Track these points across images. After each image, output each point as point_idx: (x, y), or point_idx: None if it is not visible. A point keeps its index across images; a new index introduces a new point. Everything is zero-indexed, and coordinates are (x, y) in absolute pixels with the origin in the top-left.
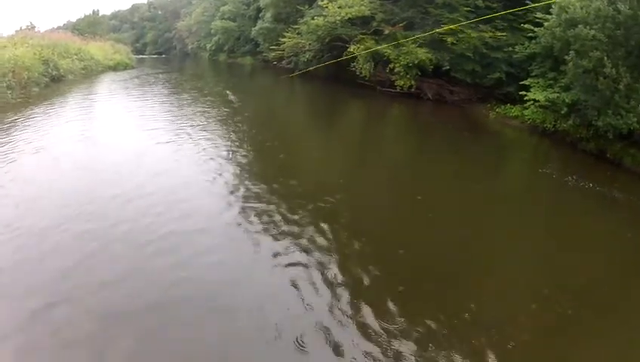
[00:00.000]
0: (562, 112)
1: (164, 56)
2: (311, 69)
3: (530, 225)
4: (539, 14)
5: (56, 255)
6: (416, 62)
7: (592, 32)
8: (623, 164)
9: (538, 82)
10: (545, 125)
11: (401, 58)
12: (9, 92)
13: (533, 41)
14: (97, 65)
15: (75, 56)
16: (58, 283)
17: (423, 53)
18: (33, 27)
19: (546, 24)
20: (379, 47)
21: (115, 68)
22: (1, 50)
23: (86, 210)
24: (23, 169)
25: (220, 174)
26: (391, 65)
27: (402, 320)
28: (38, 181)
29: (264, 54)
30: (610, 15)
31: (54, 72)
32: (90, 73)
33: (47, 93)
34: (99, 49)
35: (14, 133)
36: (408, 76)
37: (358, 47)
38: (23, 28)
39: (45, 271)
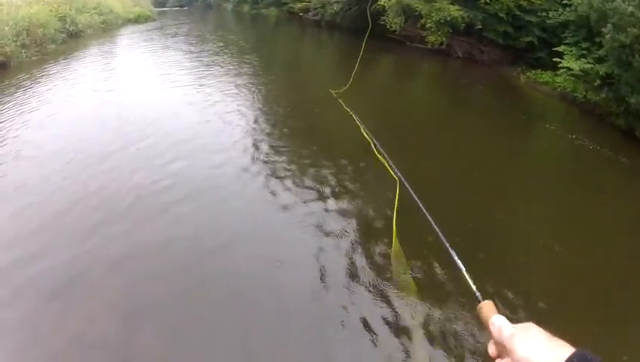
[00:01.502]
0: (595, 84)
1: (185, 8)
2: None
3: (551, 188)
4: None
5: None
6: (448, 19)
7: (630, 8)
8: None
9: (571, 50)
10: (575, 94)
11: (433, 14)
12: (23, 51)
13: (568, 9)
14: (117, 18)
15: (94, 11)
16: (73, 238)
17: (455, 11)
18: None
19: None
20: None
21: (136, 20)
22: (16, 9)
23: (105, 168)
24: (35, 126)
25: (246, 131)
26: (422, 21)
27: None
28: (52, 136)
29: (289, 5)
30: None
31: (72, 28)
32: (110, 27)
33: (64, 49)
34: (118, 2)
35: (23, 94)
36: (439, 33)
37: (389, 1)
38: None
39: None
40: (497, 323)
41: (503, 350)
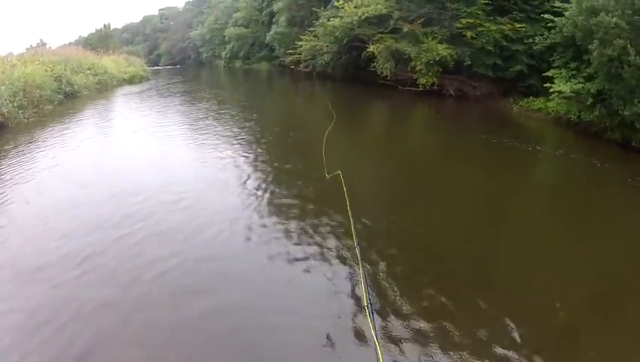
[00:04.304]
0: (587, 103)
1: (178, 66)
2: None
3: (553, 206)
4: (557, 3)
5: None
6: (437, 58)
7: (614, 19)
8: None
9: (561, 73)
10: (569, 116)
11: (422, 55)
12: (20, 112)
13: (553, 31)
14: (112, 78)
15: (89, 71)
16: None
17: (443, 49)
18: (44, 44)
19: (566, 13)
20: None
21: (131, 80)
22: (11, 68)
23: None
24: (40, 187)
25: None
26: (412, 64)
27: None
28: (58, 197)
29: (280, 59)
30: (629, 1)
31: (68, 89)
32: (105, 87)
33: (61, 110)
34: (113, 62)
35: (27, 154)
36: (430, 73)
37: (378, 47)
38: (33, 45)
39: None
40: None
41: None
